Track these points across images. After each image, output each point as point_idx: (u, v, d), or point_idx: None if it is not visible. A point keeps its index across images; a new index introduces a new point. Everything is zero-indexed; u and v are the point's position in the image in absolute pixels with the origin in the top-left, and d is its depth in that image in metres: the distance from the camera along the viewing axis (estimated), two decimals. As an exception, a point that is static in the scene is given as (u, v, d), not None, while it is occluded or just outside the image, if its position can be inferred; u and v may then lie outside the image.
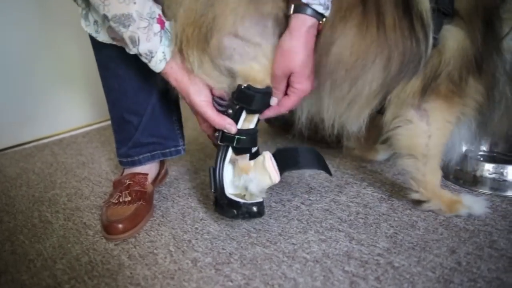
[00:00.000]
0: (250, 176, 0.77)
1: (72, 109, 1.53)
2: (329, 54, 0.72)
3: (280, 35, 0.71)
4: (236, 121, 0.76)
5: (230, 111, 0.76)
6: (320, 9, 0.68)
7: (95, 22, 0.78)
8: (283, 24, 0.71)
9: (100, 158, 1.25)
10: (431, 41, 0.72)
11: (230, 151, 0.78)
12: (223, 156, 0.78)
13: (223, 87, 0.76)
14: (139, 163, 0.96)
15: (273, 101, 0.76)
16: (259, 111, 0.77)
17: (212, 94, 0.77)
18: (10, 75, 1.37)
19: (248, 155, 0.80)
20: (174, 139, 0.99)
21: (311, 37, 0.70)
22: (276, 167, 0.77)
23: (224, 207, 0.77)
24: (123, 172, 0.99)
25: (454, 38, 0.73)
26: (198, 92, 0.76)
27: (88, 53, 0.91)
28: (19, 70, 1.39)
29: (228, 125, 0.76)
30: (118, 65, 0.87)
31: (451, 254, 0.69)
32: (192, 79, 0.75)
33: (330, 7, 0.69)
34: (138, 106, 0.92)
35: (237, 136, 0.76)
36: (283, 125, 1.22)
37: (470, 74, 0.74)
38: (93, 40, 0.84)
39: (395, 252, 0.70)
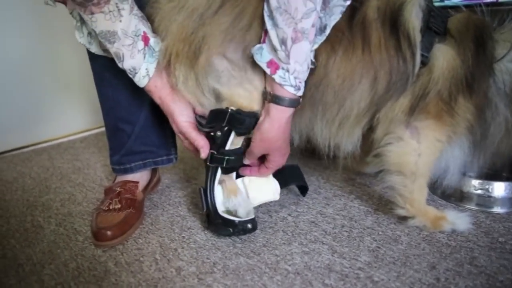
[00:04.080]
0: (238, 199, 0.81)
1: (71, 114, 1.56)
2: (320, 83, 0.74)
3: None
4: (225, 143, 0.78)
5: (219, 133, 0.78)
6: (292, 90, 0.70)
7: (89, 34, 0.80)
8: None
9: (96, 164, 1.27)
10: (418, 60, 0.73)
11: (219, 171, 0.81)
12: (213, 177, 0.80)
13: (203, 106, 0.78)
14: (131, 170, 0.98)
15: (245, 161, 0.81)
16: (248, 132, 0.78)
17: (195, 113, 0.79)
18: (11, 81, 1.41)
19: (234, 175, 0.83)
20: (166, 148, 1.01)
21: (289, 125, 0.75)
22: (277, 184, 0.82)
23: (219, 226, 0.80)
24: (115, 179, 1.00)
25: (443, 56, 0.74)
26: (181, 112, 0.78)
27: (87, 60, 0.93)
28: (20, 76, 1.42)
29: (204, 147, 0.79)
30: (112, 74, 0.89)
31: (431, 269, 0.70)
32: (175, 99, 0.78)
33: (302, 88, 0.71)
34: (131, 115, 0.94)
35: (226, 157, 0.79)
36: None
37: (460, 93, 0.74)
38: (88, 50, 0.86)
39: (376, 267, 0.71)
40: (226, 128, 0.77)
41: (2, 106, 1.40)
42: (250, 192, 0.84)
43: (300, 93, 0.71)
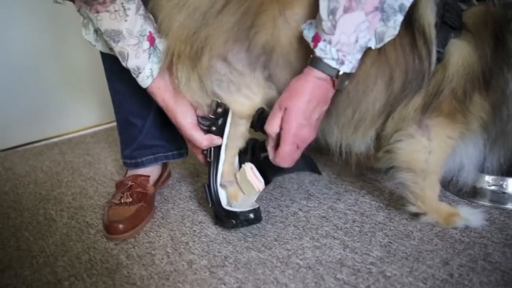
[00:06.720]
0: (239, 202, 0.81)
1: (81, 109, 1.57)
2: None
3: (266, 68, 0.71)
4: (222, 135, 0.79)
5: (214, 128, 0.78)
6: (333, 64, 0.65)
7: (95, 31, 0.80)
8: (270, 56, 0.71)
9: (107, 158, 1.28)
10: (434, 56, 0.71)
11: (221, 165, 0.81)
12: (215, 172, 0.81)
13: (208, 107, 0.78)
14: (142, 165, 0.98)
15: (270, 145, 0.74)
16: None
17: (196, 114, 0.79)
18: (22, 76, 1.42)
19: (235, 176, 0.82)
20: (177, 143, 1.01)
21: (318, 87, 0.68)
22: (259, 175, 0.79)
23: (223, 218, 0.81)
24: (126, 173, 1.01)
25: (459, 52, 0.72)
26: (184, 114, 0.78)
27: (98, 55, 0.93)
28: (31, 71, 1.43)
29: (216, 140, 0.79)
30: (123, 68, 0.89)
31: (444, 265, 0.69)
32: (178, 100, 0.77)
33: (354, 66, 0.66)
34: (142, 110, 0.95)
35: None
36: None
37: (475, 90, 0.73)
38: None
39: (388, 262, 0.71)
40: (219, 121, 0.78)
41: (13, 101, 1.42)
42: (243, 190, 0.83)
43: (344, 68, 0.66)
